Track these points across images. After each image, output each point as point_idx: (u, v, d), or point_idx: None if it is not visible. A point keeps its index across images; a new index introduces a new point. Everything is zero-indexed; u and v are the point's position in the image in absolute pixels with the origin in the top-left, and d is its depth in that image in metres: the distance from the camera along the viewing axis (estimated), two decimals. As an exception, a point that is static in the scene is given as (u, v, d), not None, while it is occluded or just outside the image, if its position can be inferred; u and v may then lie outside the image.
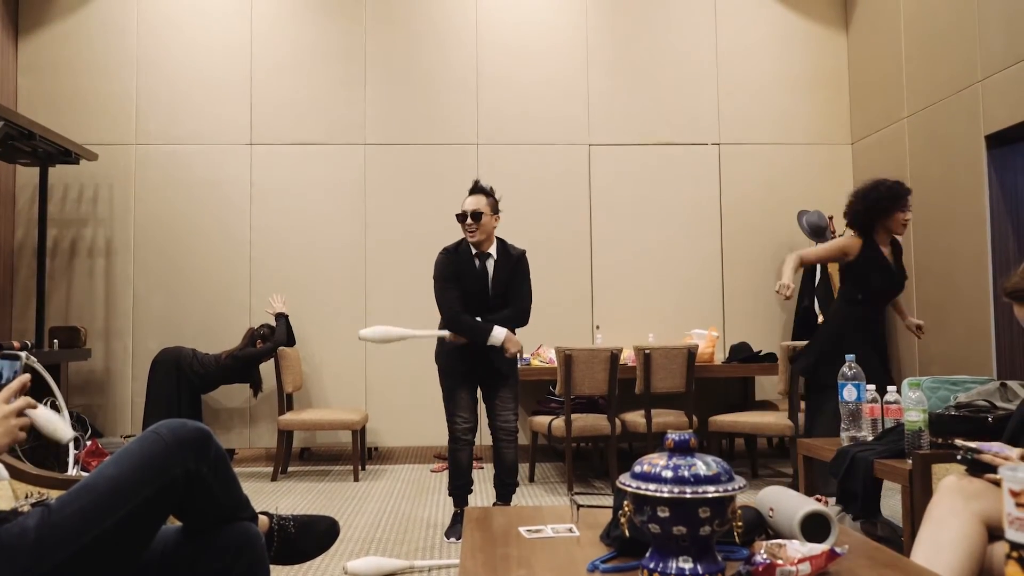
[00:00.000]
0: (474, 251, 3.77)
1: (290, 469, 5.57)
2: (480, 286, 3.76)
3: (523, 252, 3.86)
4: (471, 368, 3.78)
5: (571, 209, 6.15)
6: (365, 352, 5.95)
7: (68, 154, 5.41)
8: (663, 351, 4.91)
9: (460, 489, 3.83)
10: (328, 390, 5.94)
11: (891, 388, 2.81)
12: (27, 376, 1.48)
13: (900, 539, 2.54)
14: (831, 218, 5.95)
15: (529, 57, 6.21)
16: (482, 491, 4.76)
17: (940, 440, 2.36)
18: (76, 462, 4.50)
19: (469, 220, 3.71)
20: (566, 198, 6.15)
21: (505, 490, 3.89)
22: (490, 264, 3.77)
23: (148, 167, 5.99)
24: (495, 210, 3.78)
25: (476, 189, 3.82)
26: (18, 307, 5.87)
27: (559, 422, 4.80)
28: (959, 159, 4.98)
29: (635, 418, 4.93)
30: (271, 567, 1.62)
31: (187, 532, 1.53)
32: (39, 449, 4.89)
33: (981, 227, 4.77)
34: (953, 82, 5.03)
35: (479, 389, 3.88)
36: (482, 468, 5.49)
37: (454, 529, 3.74)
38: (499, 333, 3.65)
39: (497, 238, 3.84)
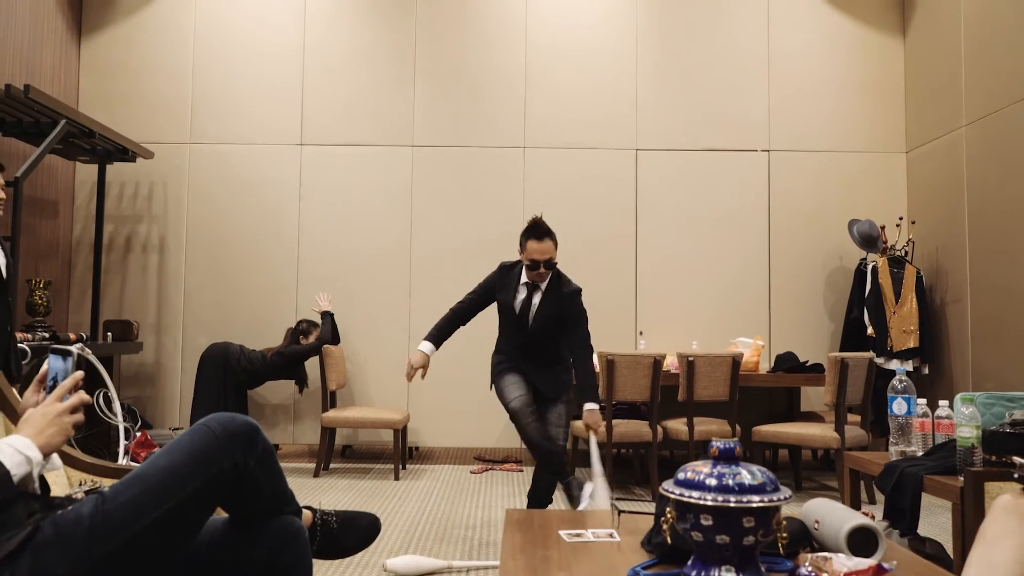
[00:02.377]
0: (523, 278, 3.64)
1: (332, 466, 5.64)
2: (520, 315, 3.63)
3: (578, 289, 3.64)
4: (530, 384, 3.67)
5: (617, 214, 6.12)
6: (408, 352, 6.00)
7: (125, 152, 5.55)
8: (707, 359, 4.85)
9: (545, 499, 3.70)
10: (371, 389, 6.00)
11: (943, 403, 2.74)
12: (80, 373, 1.49)
13: (949, 558, 2.48)
14: (883, 227, 5.83)
15: (578, 60, 6.20)
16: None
17: (994, 458, 2.29)
18: (126, 452, 4.61)
19: (542, 269, 3.55)
20: (612, 202, 6.13)
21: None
22: (537, 297, 3.63)
23: (201, 166, 6.13)
24: (556, 247, 3.62)
25: (543, 232, 3.53)
26: (74, 300, 6.05)
27: (600, 427, 4.77)
28: (1019, 169, 4.84)
29: (677, 426, 4.88)
30: (313, 561, 1.64)
31: (233, 523, 1.56)
32: (90, 439, 5.02)
33: (1041, 239, 4.63)
34: (1014, 90, 4.89)
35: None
36: (521, 471, 5.49)
37: (573, 496, 3.61)
38: (427, 348, 3.67)
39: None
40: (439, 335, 3.76)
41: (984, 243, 5.20)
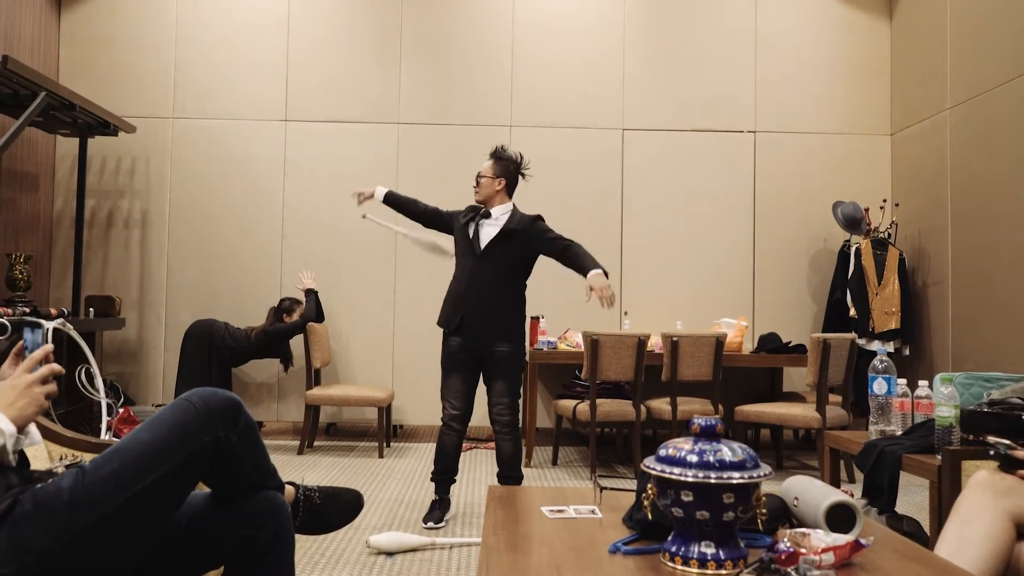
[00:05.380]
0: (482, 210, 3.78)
1: (316, 444, 5.64)
2: (467, 242, 3.69)
3: (536, 215, 3.72)
4: (467, 354, 3.64)
5: (603, 193, 6.12)
6: (393, 331, 5.99)
7: (107, 126, 5.48)
8: (691, 339, 4.88)
9: (441, 475, 3.67)
10: (355, 367, 5.99)
11: (922, 383, 2.76)
12: (49, 346, 1.49)
13: (926, 535, 2.51)
14: (867, 210, 5.86)
15: (565, 39, 6.16)
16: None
17: (971, 437, 2.32)
18: (108, 428, 4.59)
19: (475, 182, 3.78)
20: (598, 182, 6.12)
21: (506, 483, 3.71)
22: (486, 223, 3.70)
23: (184, 141, 6.06)
24: (500, 174, 3.71)
25: (491, 154, 3.80)
26: (56, 275, 5.99)
27: (584, 406, 4.80)
28: (1003, 153, 4.87)
29: (660, 405, 4.91)
30: (295, 536, 1.64)
31: (215, 498, 1.56)
32: (72, 415, 5.00)
33: (1023, 224, 4.67)
34: (1000, 73, 4.91)
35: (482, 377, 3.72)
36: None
37: (431, 515, 3.60)
38: (380, 192, 4.03)
39: (514, 205, 3.77)
40: (396, 195, 4.04)
41: (966, 226, 5.24)
